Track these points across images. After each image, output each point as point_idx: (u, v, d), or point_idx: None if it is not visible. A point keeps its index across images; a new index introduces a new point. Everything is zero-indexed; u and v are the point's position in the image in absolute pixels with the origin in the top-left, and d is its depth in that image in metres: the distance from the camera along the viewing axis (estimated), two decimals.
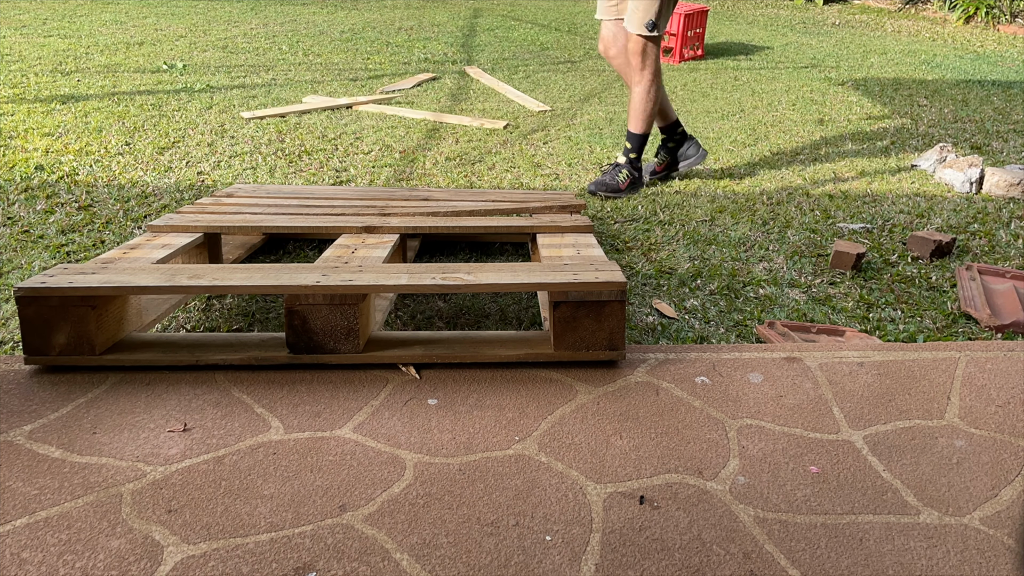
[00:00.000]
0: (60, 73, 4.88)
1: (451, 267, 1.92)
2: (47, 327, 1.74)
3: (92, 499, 1.41)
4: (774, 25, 7.70)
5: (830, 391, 1.79)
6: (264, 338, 1.89)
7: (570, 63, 5.74)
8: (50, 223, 2.74)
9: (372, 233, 2.32)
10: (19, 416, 1.64)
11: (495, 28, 7.07)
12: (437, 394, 1.74)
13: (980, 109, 4.69)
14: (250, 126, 3.99)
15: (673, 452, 1.57)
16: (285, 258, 2.64)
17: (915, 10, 8.79)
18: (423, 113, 4.33)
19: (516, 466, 1.52)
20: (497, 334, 1.94)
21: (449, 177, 3.38)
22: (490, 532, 1.36)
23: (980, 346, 2.00)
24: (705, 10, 6.03)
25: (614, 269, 1.89)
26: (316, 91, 4.72)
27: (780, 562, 1.31)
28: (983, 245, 2.78)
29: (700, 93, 4.99)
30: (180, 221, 2.32)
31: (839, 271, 2.55)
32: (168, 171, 3.33)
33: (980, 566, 1.31)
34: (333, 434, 1.60)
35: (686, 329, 2.18)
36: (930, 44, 6.89)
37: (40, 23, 6.48)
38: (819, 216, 3.02)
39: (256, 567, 1.27)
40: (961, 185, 3.32)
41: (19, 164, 3.30)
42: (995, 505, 1.45)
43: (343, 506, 1.41)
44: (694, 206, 3.10)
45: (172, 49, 5.73)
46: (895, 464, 1.56)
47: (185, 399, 1.70)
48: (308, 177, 3.32)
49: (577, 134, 4.04)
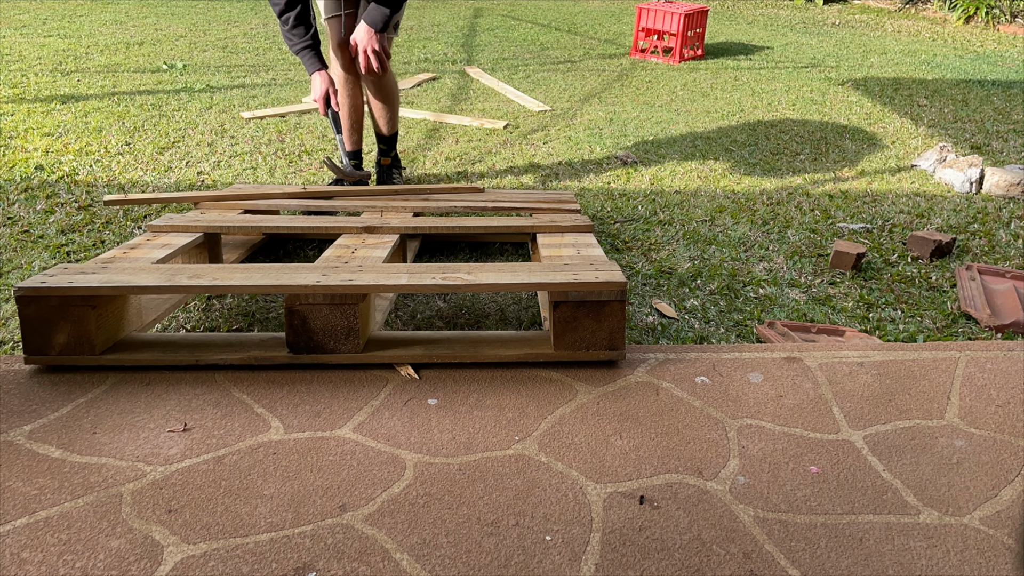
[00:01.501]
0: (60, 73, 4.88)
1: (451, 267, 1.92)
2: (47, 327, 1.74)
3: (92, 499, 1.41)
4: (774, 25, 7.70)
5: (830, 391, 1.79)
6: (264, 338, 1.89)
7: (570, 63, 5.74)
8: (50, 223, 2.74)
9: (372, 233, 2.32)
10: (19, 416, 1.64)
11: (495, 28, 7.07)
12: (437, 394, 1.74)
13: (980, 109, 4.69)
14: (250, 126, 3.99)
15: (673, 452, 1.57)
16: (285, 258, 2.64)
17: (915, 10, 8.79)
18: (423, 113, 4.33)
19: (516, 466, 1.52)
20: (497, 334, 1.94)
21: (449, 177, 3.38)
22: (490, 532, 1.36)
23: (980, 346, 2.00)
24: (705, 10, 6.03)
25: (614, 269, 1.89)
26: None
27: (780, 562, 1.31)
28: (983, 245, 2.78)
29: (700, 93, 4.99)
30: (180, 221, 2.32)
31: (839, 271, 2.55)
32: (168, 171, 3.33)
33: (980, 566, 1.31)
34: (333, 434, 1.60)
35: (686, 329, 2.18)
36: (930, 44, 6.89)
37: (40, 23, 6.48)
38: (819, 216, 3.03)
39: (256, 567, 1.27)
40: (961, 185, 3.32)
41: (19, 164, 3.30)
42: (995, 505, 1.45)
43: (343, 506, 1.41)
44: (694, 206, 3.10)
45: (172, 49, 5.73)
46: (895, 464, 1.56)
47: (185, 399, 1.70)
48: (308, 177, 3.32)
49: (577, 134, 4.04)
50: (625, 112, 4.49)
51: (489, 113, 4.39)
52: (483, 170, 3.47)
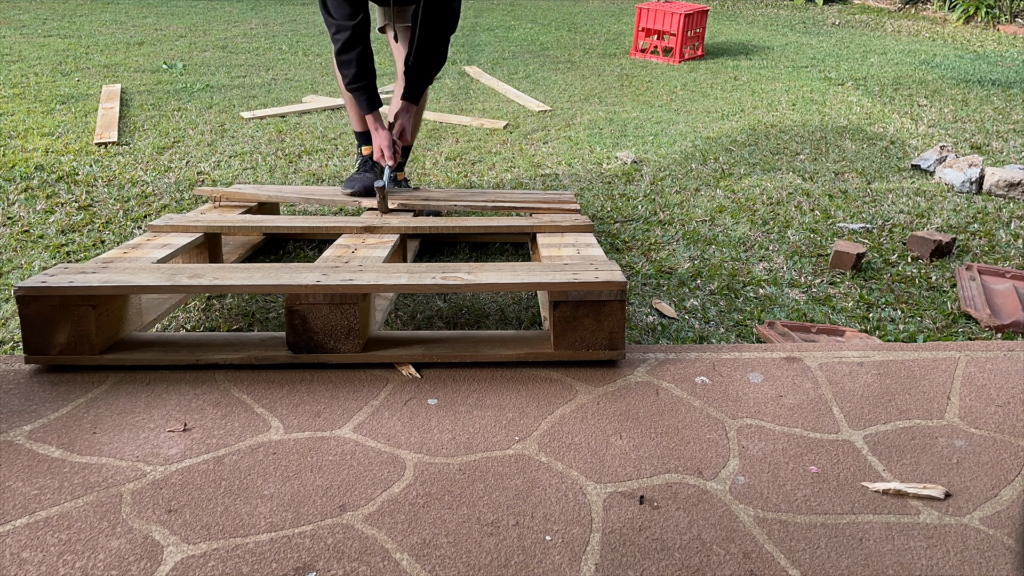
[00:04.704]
0: (60, 73, 4.88)
1: (451, 267, 1.93)
2: (48, 326, 1.74)
3: (92, 499, 1.41)
4: (774, 25, 7.70)
5: (830, 391, 1.79)
6: (264, 338, 1.89)
7: (570, 63, 5.74)
8: (50, 223, 2.74)
9: (372, 233, 2.32)
10: (19, 416, 1.64)
11: (495, 28, 7.07)
12: (437, 394, 1.74)
13: (980, 109, 4.69)
14: (250, 126, 3.99)
15: (673, 452, 1.57)
16: (285, 258, 2.64)
17: (915, 10, 8.79)
18: (423, 113, 4.33)
19: (516, 466, 1.52)
20: (497, 334, 1.94)
21: (449, 177, 3.38)
22: (490, 532, 1.36)
23: (980, 346, 2.00)
24: (705, 10, 6.03)
25: (614, 269, 1.89)
26: (316, 91, 4.72)
27: (780, 562, 1.31)
28: (983, 245, 2.78)
29: (700, 93, 4.99)
30: (180, 221, 2.32)
31: (839, 271, 2.55)
32: (168, 171, 3.33)
33: (980, 566, 1.31)
34: (333, 434, 1.60)
35: (686, 329, 2.18)
36: (930, 44, 6.89)
37: (40, 23, 6.48)
38: (819, 216, 3.03)
39: (256, 567, 1.27)
40: (961, 185, 3.32)
41: (19, 164, 3.30)
42: (995, 505, 1.45)
43: (343, 506, 1.41)
44: (694, 206, 3.10)
45: (172, 49, 5.73)
46: (895, 464, 1.56)
47: (185, 399, 1.70)
48: (308, 177, 3.32)
49: (577, 134, 4.04)
50: (625, 112, 4.49)
51: (489, 113, 4.39)
52: (483, 170, 3.47)
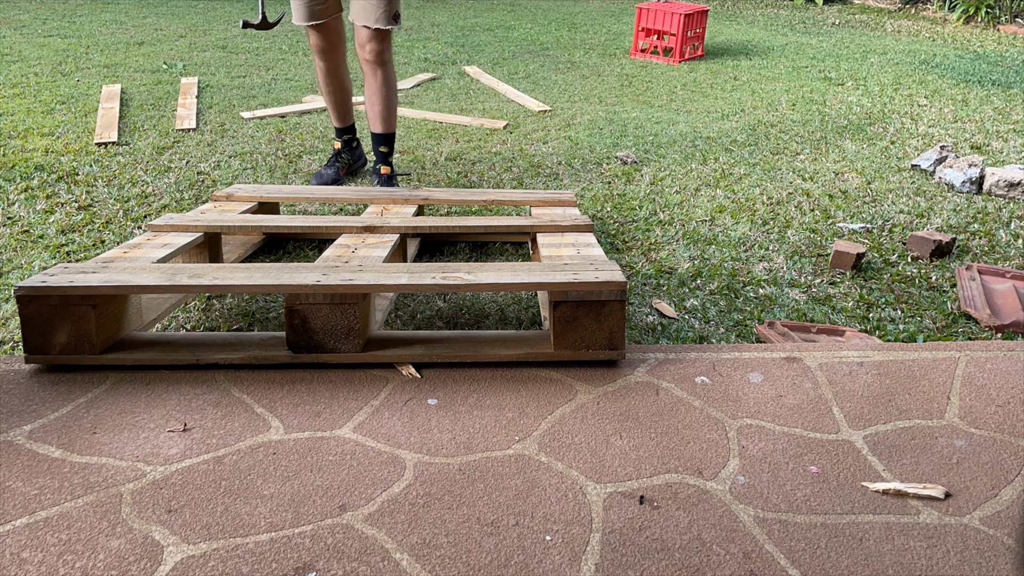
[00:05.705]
0: (60, 73, 4.88)
1: (451, 267, 1.93)
2: (48, 326, 1.74)
3: (92, 499, 1.41)
4: (774, 25, 7.70)
5: (830, 391, 1.79)
6: (264, 337, 1.89)
7: (570, 63, 5.74)
8: (50, 223, 2.74)
9: (372, 233, 2.32)
10: (19, 416, 1.64)
11: (495, 28, 7.07)
12: (437, 394, 1.74)
13: (980, 109, 4.69)
14: (250, 126, 3.99)
15: (673, 452, 1.57)
16: (285, 258, 2.64)
17: (915, 10, 8.79)
18: (423, 113, 4.33)
19: (516, 466, 1.52)
20: (497, 334, 1.94)
21: (449, 177, 3.38)
22: (490, 532, 1.36)
23: (980, 346, 2.00)
24: (705, 10, 6.03)
25: (614, 269, 1.89)
26: (316, 91, 4.71)
27: (780, 562, 1.31)
28: (983, 245, 2.78)
29: (700, 93, 4.99)
30: (180, 221, 2.32)
31: (839, 271, 2.55)
32: (168, 171, 3.33)
33: (980, 566, 1.31)
34: (333, 434, 1.60)
35: (686, 329, 2.18)
36: (930, 44, 6.89)
37: (40, 23, 6.48)
38: (819, 216, 3.03)
39: (256, 567, 1.27)
40: (961, 185, 3.32)
41: (19, 164, 3.30)
42: (995, 505, 1.45)
43: (343, 506, 1.41)
44: (694, 206, 3.10)
45: (172, 49, 5.73)
46: (895, 464, 1.56)
47: (185, 399, 1.70)
48: (308, 177, 3.32)
49: (577, 134, 4.04)
50: (625, 112, 4.49)
51: (489, 113, 4.39)
52: (483, 170, 3.47)
